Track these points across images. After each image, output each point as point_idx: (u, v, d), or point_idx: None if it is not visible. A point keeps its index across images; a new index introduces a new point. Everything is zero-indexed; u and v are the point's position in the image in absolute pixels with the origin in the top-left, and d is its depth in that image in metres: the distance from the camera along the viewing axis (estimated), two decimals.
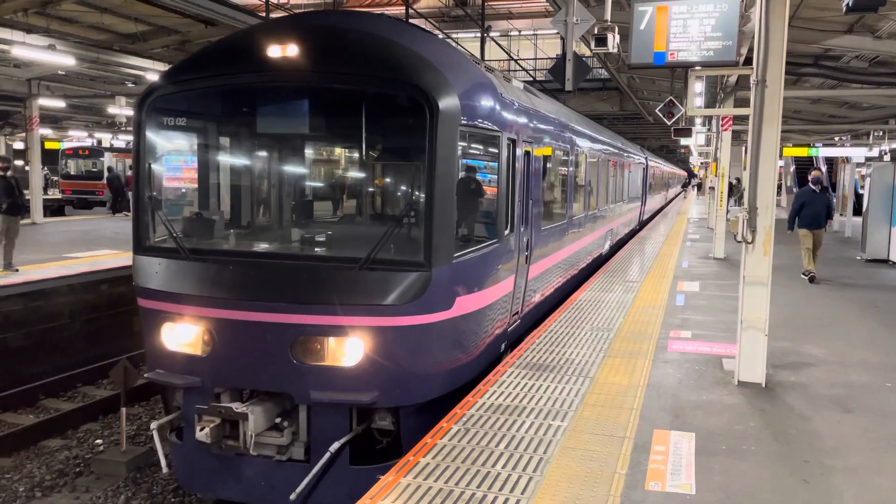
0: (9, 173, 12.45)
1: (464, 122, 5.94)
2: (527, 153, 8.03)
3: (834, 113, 23.56)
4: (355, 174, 7.86)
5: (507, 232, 7.18)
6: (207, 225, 6.88)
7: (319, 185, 7.95)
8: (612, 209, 16.68)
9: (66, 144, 33.37)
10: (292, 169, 7.73)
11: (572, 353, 7.51)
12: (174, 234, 6.19)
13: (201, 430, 5.66)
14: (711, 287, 12.14)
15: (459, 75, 6.23)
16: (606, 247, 16.10)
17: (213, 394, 5.94)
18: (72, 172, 30.12)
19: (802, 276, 13.17)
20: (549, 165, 9.69)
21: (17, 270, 12.20)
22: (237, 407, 5.67)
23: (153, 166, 6.40)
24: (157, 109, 6.35)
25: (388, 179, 7.55)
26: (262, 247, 6.93)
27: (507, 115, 7.20)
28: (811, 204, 13.38)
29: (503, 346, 7.59)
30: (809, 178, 13.99)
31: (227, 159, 7.37)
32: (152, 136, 6.40)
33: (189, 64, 6.49)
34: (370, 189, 7.64)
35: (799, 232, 13.41)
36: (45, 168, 34.16)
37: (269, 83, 6.16)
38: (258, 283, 5.81)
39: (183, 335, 5.94)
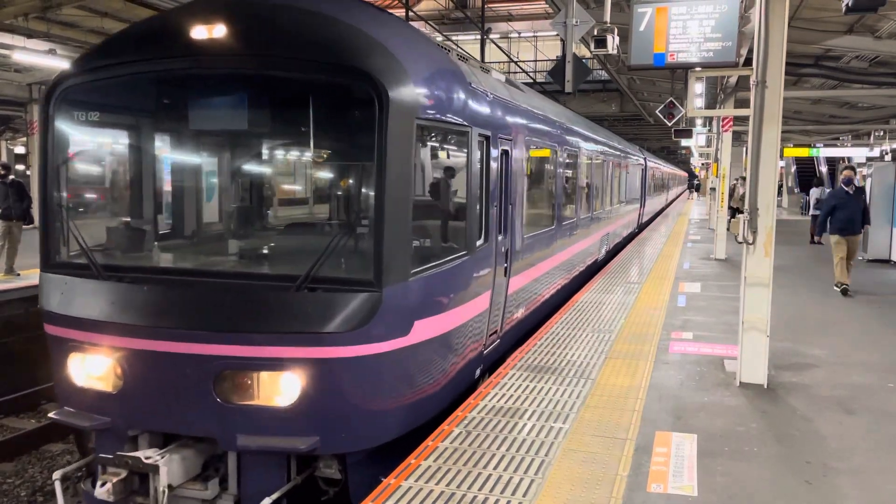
0: (9, 179, 12.49)
1: (423, 115, 5.10)
2: (505, 152, 7.19)
3: (834, 113, 23.57)
4: (294, 178, 6.84)
5: (480, 242, 6.37)
6: (124, 237, 5.98)
7: (250, 190, 6.59)
8: (607, 212, 15.75)
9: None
10: (217, 171, 6.52)
11: (573, 355, 7.50)
12: (85, 248, 5.26)
13: (102, 485, 4.76)
14: (713, 288, 12.12)
15: (418, 60, 5.32)
16: (602, 252, 15.23)
17: (126, 437, 5.04)
18: None
19: (835, 287, 11.86)
20: (533, 166, 8.91)
21: (18, 275, 12.22)
22: (148, 456, 4.76)
23: (62, 168, 5.50)
24: (68, 102, 5.45)
25: (331, 183, 6.49)
26: (182, 263, 5.99)
27: (480, 109, 6.35)
28: (845, 207, 11.85)
29: (479, 372, 6.76)
30: (840, 177, 12.42)
31: (146, 159, 6.16)
32: (62, 133, 5.49)
33: (104, 49, 5.56)
34: (311, 195, 6.70)
35: (831, 239, 11.98)
36: None
37: (188, 70, 5.20)
38: (175, 307, 4.94)
39: (92, 368, 5.05)
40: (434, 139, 5.75)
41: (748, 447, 5.21)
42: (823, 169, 36.38)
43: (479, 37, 19.10)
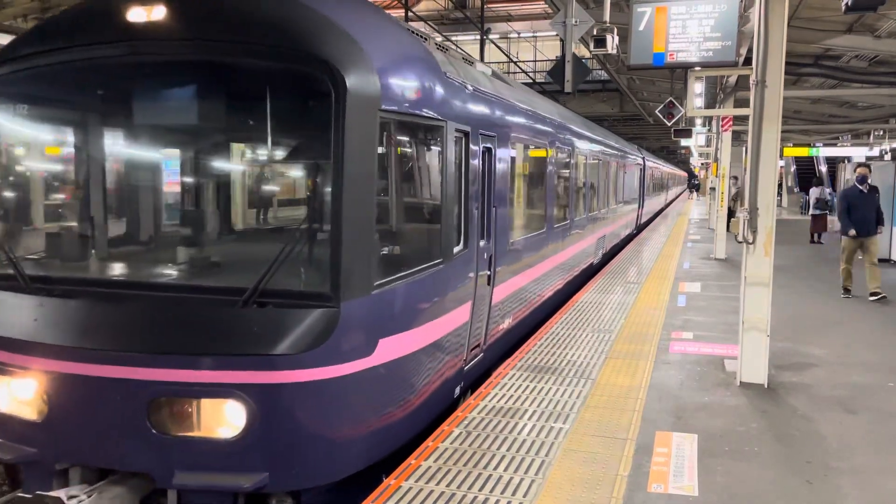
0: None
1: (388, 107, 4.59)
2: (488, 150, 6.69)
3: (834, 112, 23.59)
4: (243, 178, 5.95)
5: (458, 249, 5.89)
6: (55, 244, 5.35)
7: (194, 193, 5.82)
8: (604, 214, 15.07)
9: None
10: (155, 171, 5.67)
11: (573, 355, 7.50)
12: (10, 257, 4.73)
13: None
14: (713, 288, 12.12)
15: (383, 46, 4.81)
16: (598, 255, 14.66)
17: (54, 472, 4.47)
18: None
19: (843, 295, 11.30)
20: (521, 166, 8.44)
21: None
22: (72, 495, 4.22)
23: None
24: None
25: (285, 184, 5.92)
26: (116, 275, 5.21)
27: (457, 102, 5.83)
28: (858, 207, 11.31)
29: (458, 390, 6.21)
30: (855, 175, 11.85)
31: (78, 157, 5.52)
32: None
33: (33, 35, 5.04)
34: (262, 197, 5.97)
35: (843, 241, 11.48)
36: None
37: (121, 58, 4.62)
38: (105, 325, 4.39)
39: (16, 393, 4.46)
40: (402, 134, 5.16)
41: (749, 447, 5.21)
42: (823, 168, 36.42)
43: (478, 37, 19.09)
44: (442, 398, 5.80)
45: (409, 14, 17.96)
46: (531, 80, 27.79)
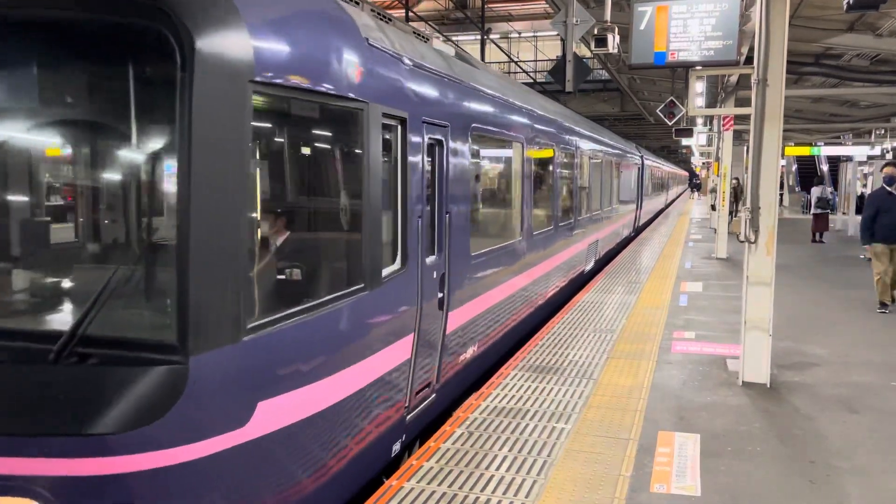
0: None
1: (265, 78, 3.38)
2: (438, 143, 5.55)
3: (835, 112, 23.57)
4: (58, 175, 4.01)
5: (392, 269, 4.71)
6: None
7: None
8: (596, 217, 13.91)
9: None
10: None
11: (575, 355, 7.49)
12: None
13: None
14: (714, 287, 12.10)
15: None
16: (590, 263, 13.52)
17: None
18: None
19: (878, 310, 10.10)
20: (488, 163, 7.40)
21: None
22: None
23: None
24: None
25: (115, 184, 3.75)
26: None
27: (386, 79, 4.58)
28: (889, 210, 10.01)
29: (399, 446, 5.05)
30: (882, 174, 10.64)
31: None
32: None
33: None
34: (86, 204, 3.82)
35: (873, 248, 10.19)
36: None
37: None
38: None
39: None
40: (295, 117, 3.93)
41: (751, 447, 5.19)
42: (825, 168, 36.39)
43: (479, 37, 19.09)
44: (368, 464, 4.56)
45: (410, 14, 17.95)
46: (532, 80, 27.78)
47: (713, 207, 23.92)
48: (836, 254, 17.30)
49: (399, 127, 4.84)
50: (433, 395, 5.66)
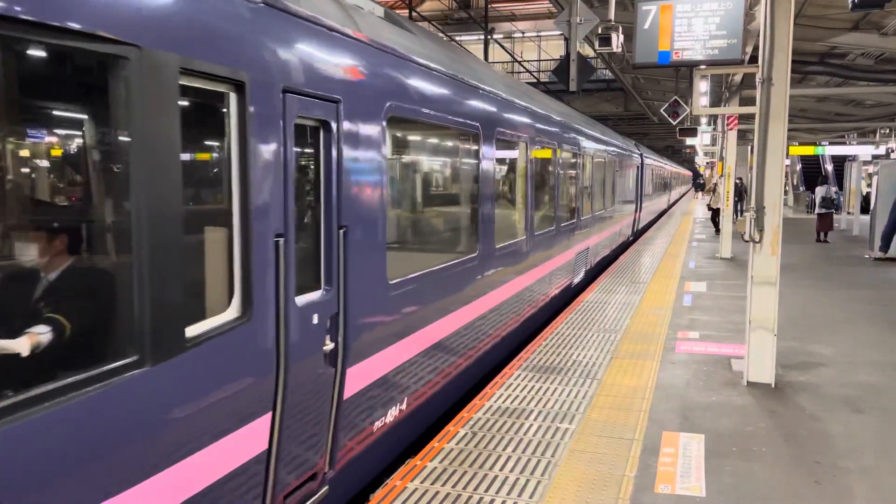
0: None
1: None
2: (322, 126, 3.96)
3: (840, 111, 23.51)
4: None
5: (223, 321, 3.20)
6: None
7: None
8: (587, 222, 12.46)
9: None
10: None
11: (579, 355, 7.47)
12: None
13: None
14: (719, 287, 12.07)
15: None
16: (580, 274, 12.11)
17: None
18: None
19: None
20: (423, 158, 6.07)
21: None
22: None
23: None
24: None
25: None
26: None
27: (191, 17, 2.97)
28: None
29: None
30: None
31: None
32: None
33: None
34: None
35: None
36: None
37: None
38: None
39: None
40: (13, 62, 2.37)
41: (756, 447, 5.17)
42: (829, 167, 36.31)
43: (482, 37, 19.08)
44: None
45: (413, 14, 17.96)
46: (535, 80, 27.74)
47: (709, 207, 23.97)
48: (840, 253, 17.25)
49: (232, 97, 3.23)
50: (324, 489, 4.12)
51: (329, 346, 4.01)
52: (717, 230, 21.76)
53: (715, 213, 21.93)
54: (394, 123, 4.87)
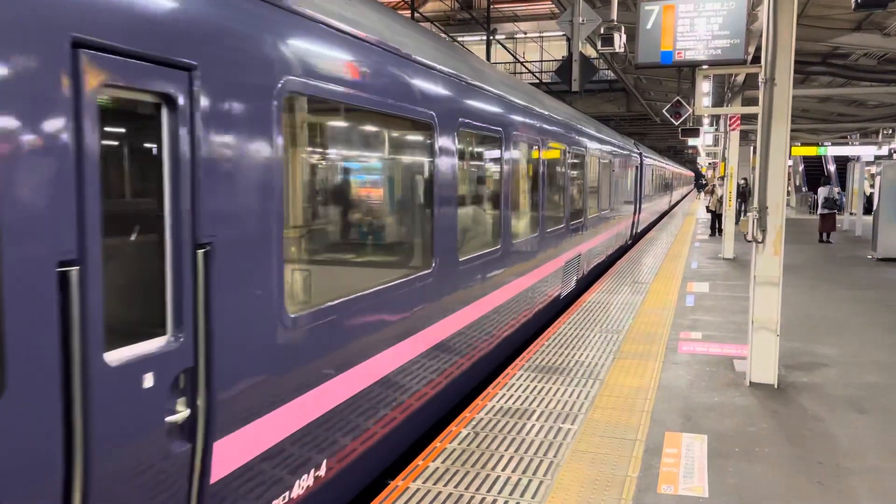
0: None
1: None
2: (168, 104, 2.78)
3: (842, 111, 23.48)
4: None
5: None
6: None
7: None
8: (577, 226, 11.23)
9: None
10: None
11: (581, 355, 7.46)
12: None
13: None
14: (721, 287, 12.06)
15: None
16: (571, 283, 11.08)
17: None
18: None
19: None
20: (351, 151, 4.53)
21: None
22: None
23: None
24: None
25: None
26: None
27: None
28: None
29: None
30: None
31: None
32: None
33: None
34: None
35: None
36: None
37: None
38: None
39: None
40: None
41: (759, 448, 5.16)
42: (832, 167, 36.27)
43: (484, 38, 19.07)
44: None
45: (416, 15, 17.96)
46: (538, 81, 27.73)
47: (708, 209, 23.91)
48: (843, 254, 17.23)
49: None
50: None
51: (180, 414, 2.88)
52: (713, 232, 21.76)
53: (715, 218, 21.84)
54: (300, 105, 3.72)
